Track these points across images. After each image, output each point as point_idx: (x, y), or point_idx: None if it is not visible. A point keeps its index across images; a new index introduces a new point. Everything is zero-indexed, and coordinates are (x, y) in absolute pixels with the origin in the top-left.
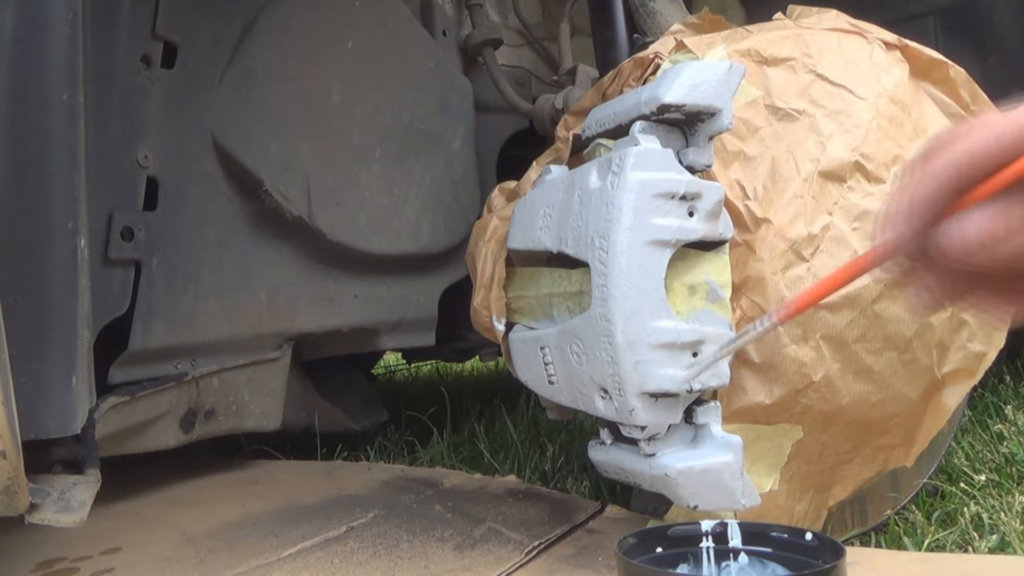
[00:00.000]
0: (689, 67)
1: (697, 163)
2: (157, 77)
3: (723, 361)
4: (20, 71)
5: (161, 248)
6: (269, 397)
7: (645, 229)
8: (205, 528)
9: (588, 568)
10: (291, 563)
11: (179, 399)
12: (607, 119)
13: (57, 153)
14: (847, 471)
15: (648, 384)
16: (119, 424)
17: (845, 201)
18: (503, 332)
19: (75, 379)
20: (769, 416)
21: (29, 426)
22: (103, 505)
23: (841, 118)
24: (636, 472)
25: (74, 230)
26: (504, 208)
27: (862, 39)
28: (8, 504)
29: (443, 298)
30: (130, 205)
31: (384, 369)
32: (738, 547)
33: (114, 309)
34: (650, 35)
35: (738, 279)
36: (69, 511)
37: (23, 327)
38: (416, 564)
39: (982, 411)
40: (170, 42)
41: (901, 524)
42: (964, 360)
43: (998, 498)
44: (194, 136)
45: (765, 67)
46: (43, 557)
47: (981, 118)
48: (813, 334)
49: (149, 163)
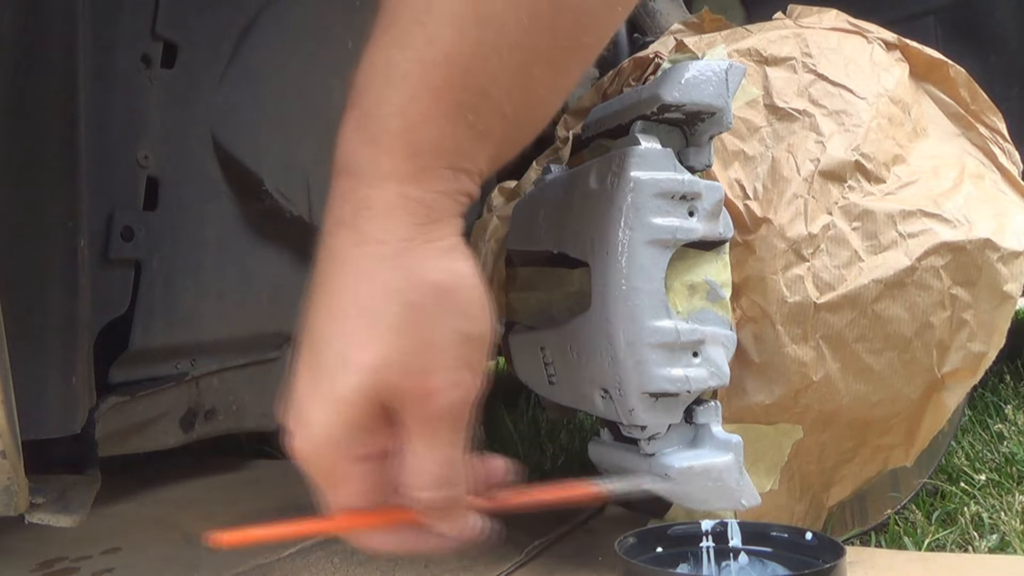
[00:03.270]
0: (689, 66)
1: (697, 163)
2: (157, 77)
3: (723, 361)
4: (20, 71)
5: (161, 248)
6: (269, 397)
7: (645, 229)
8: (205, 528)
9: (588, 568)
10: (291, 563)
11: (179, 399)
12: (607, 119)
13: (57, 153)
14: (847, 471)
15: (648, 384)
16: (119, 424)
17: (845, 201)
18: (503, 332)
19: (75, 379)
20: (769, 416)
21: (29, 426)
22: (103, 505)
23: (841, 118)
24: (636, 472)
25: (74, 230)
26: (504, 208)
27: (862, 39)
28: (8, 504)
29: None
30: (130, 205)
31: None
32: (738, 547)
33: (114, 309)
34: (650, 35)
35: (738, 279)
36: (69, 511)
37: (23, 327)
38: (416, 564)
39: (982, 411)
40: (170, 42)
41: (901, 524)
42: (964, 360)
43: (998, 498)
44: (194, 136)
45: (765, 67)
46: (43, 557)
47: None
48: (813, 334)
49: (149, 163)
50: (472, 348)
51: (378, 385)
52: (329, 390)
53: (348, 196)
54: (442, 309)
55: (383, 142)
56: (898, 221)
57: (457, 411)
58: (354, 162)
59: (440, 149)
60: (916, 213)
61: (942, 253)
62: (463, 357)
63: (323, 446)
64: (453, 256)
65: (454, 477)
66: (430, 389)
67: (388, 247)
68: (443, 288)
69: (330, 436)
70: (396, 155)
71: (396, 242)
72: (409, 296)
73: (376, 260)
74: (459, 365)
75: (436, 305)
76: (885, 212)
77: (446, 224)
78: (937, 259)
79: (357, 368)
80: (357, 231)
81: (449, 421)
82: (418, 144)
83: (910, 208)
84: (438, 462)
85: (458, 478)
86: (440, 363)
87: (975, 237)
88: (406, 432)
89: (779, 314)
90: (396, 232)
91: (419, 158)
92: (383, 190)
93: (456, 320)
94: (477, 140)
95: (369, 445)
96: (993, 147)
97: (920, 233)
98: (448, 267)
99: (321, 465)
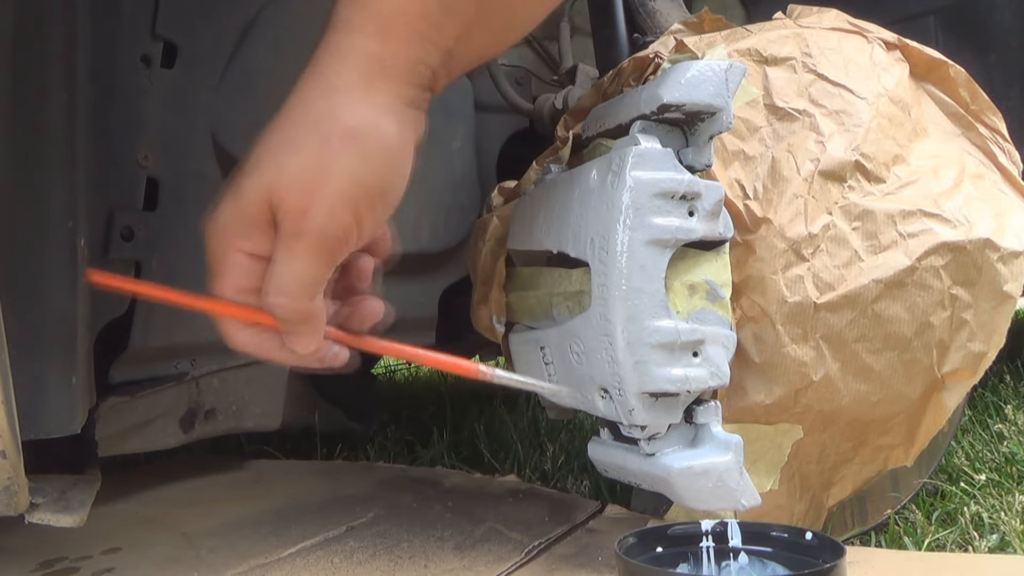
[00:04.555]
0: (689, 66)
1: (697, 163)
2: (157, 77)
3: (723, 361)
4: (19, 70)
5: (161, 248)
6: (269, 397)
7: (645, 229)
8: (205, 528)
9: (588, 568)
10: (291, 563)
11: (179, 399)
12: (607, 119)
13: (57, 153)
14: (847, 471)
15: (648, 384)
16: (119, 424)
17: (845, 201)
18: (503, 332)
19: (75, 379)
20: (769, 416)
21: (29, 426)
22: (103, 505)
23: (841, 118)
24: (636, 472)
25: (74, 230)
26: (504, 208)
27: (862, 39)
28: (8, 504)
29: (443, 298)
30: (130, 205)
31: (384, 369)
32: (738, 547)
33: (114, 309)
34: (650, 35)
35: (738, 279)
36: (69, 511)
37: (23, 327)
38: (416, 564)
39: (982, 411)
40: (170, 42)
41: (901, 524)
42: (964, 360)
43: (998, 498)
44: (194, 136)
45: (765, 67)
46: (43, 557)
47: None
48: (813, 334)
49: (149, 163)
50: (366, 196)
51: (269, 189)
52: (236, 186)
53: (325, 44)
54: (347, 149)
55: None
56: (898, 221)
57: (323, 238)
58: (337, 17)
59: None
60: (916, 213)
61: (942, 253)
62: (351, 199)
63: (218, 230)
64: (387, 112)
65: (304, 294)
66: (304, 208)
67: (331, 86)
68: (355, 133)
69: (223, 222)
70: (366, 11)
71: (339, 84)
72: (326, 128)
73: (317, 94)
74: (342, 202)
75: (342, 144)
76: (885, 212)
77: (396, 84)
78: (937, 259)
79: (258, 172)
80: (315, 71)
81: (310, 243)
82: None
83: (910, 208)
84: (291, 274)
85: (309, 298)
86: (325, 192)
87: (975, 237)
88: (276, 241)
89: (779, 314)
90: (345, 77)
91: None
92: (348, 40)
93: (355, 163)
94: (446, 13)
95: (255, 242)
96: (993, 147)
97: (920, 233)
98: (374, 118)
99: (213, 247)
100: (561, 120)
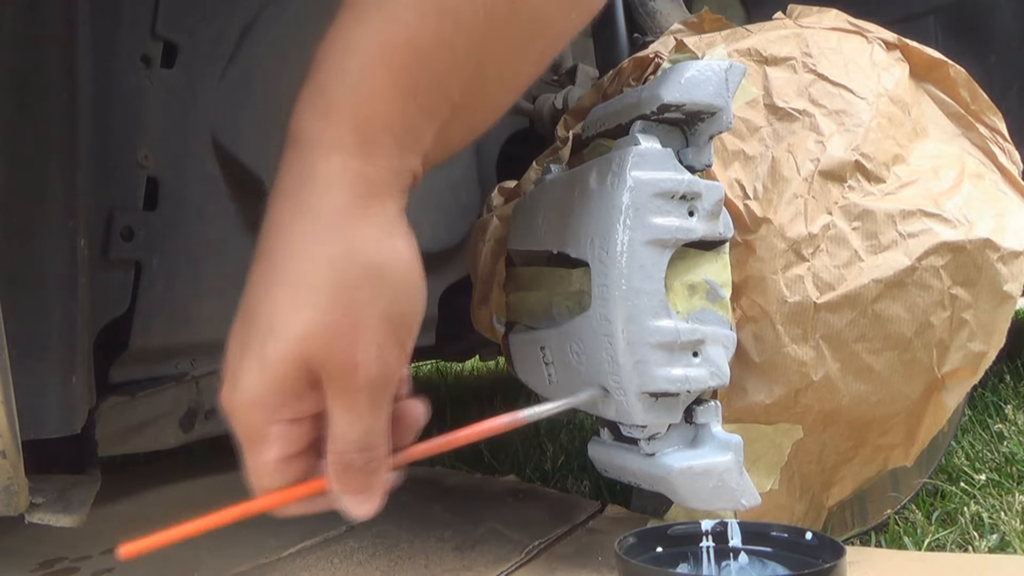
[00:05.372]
0: (689, 66)
1: (697, 163)
2: (157, 77)
3: (723, 361)
4: (20, 71)
5: (161, 248)
6: None
7: (645, 229)
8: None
9: (588, 568)
10: (291, 563)
11: (179, 399)
12: (607, 119)
13: (57, 153)
14: (847, 471)
15: (648, 384)
16: (119, 424)
17: (845, 201)
18: (503, 332)
19: (75, 379)
20: (769, 416)
21: (29, 426)
22: (103, 505)
23: (841, 117)
24: (636, 472)
25: (74, 230)
26: (504, 208)
27: (862, 39)
28: (8, 504)
29: (443, 298)
30: (130, 205)
31: None
32: (738, 546)
33: (114, 309)
34: (650, 35)
35: (738, 279)
36: (69, 511)
37: (23, 327)
38: (416, 564)
39: (982, 411)
40: (170, 42)
41: (901, 524)
42: (964, 360)
43: (998, 498)
44: (194, 136)
45: (765, 67)
46: (43, 557)
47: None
48: (813, 334)
49: (149, 163)
50: (399, 326)
51: (304, 353)
52: (258, 354)
53: (293, 166)
54: (372, 285)
55: (332, 114)
56: (898, 221)
57: (379, 385)
58: (303, 133)
59: (388, 125)
60: (916, 213)
61: (942, 253)
62: (390, 334)
63: (249, 407)
64: (390, 232)
65: (372, 443)
66: (353, 363)
67: (326, 218)
68: (375, 264)
69: (254, 398)
70: (343, 127)
71: (335, 214)
72: (340, 269)
73: (313, 231)
74: (384, 341)
75: (366, 281)
76: (885, 212)
77: (387, 199)
78: (937, 259)
79: (284, 336)
80: (298, 201)
81: (370, 394)
82: (366, 118)
83: (910, 208)
84: (363, 429)
85: (376, 444)
86: (365, 338)
87: (975, 237)
88: (329, 400)
89: (779, 314)
90: (335, 203)
91: (365, 131)
92: (327, 161)
93: (385, 297)
94: (425, 119)
95: (296, 408)
96: (993, 147)
97: (920, 233)
98: (383, 243)
99: (246, 425)
100: (561, 120)
